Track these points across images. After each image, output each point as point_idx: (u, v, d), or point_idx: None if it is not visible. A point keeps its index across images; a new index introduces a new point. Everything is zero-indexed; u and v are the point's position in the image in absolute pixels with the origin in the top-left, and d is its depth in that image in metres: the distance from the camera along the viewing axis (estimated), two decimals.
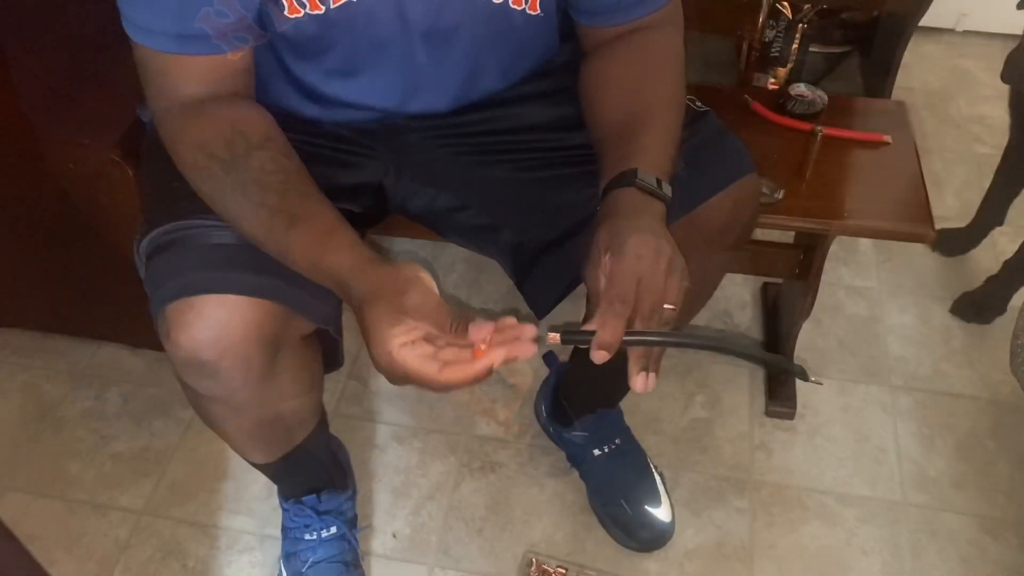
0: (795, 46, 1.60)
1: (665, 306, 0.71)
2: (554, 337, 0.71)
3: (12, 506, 1.33)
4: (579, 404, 1.30)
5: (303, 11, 0.83)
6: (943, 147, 1.95)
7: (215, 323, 0.81)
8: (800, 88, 1.32)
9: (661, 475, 1.32)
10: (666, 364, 0.74)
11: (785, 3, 1.55)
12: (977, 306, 1.58)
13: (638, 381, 0.71)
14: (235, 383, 0.85)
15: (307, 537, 1.19)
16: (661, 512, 1.28)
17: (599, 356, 0.69)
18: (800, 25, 1.56)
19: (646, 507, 1.28)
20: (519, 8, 0.89)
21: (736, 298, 1.62)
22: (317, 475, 1.18)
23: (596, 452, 1.31)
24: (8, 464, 1.39)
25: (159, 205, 0.89)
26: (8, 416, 1.46)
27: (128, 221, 1.22)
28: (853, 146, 1.26)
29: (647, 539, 1.27)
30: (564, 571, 1.24)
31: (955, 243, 1.69)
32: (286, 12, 0.83)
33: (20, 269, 1.45)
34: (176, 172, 0.85)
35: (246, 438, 1.00)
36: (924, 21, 1.61)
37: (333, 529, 1.20)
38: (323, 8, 0.83)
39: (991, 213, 1.62)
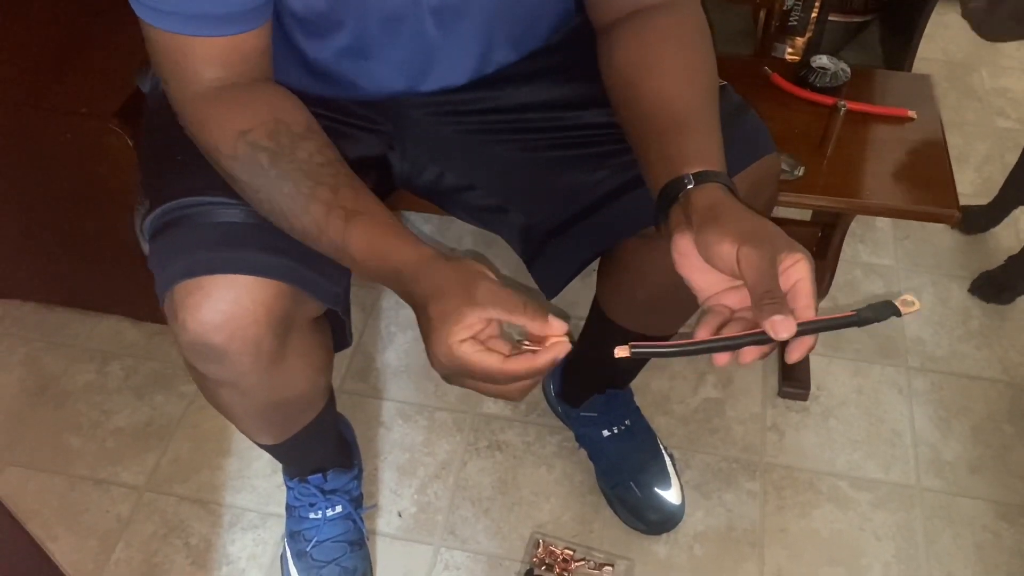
0: (814, 15, 1.55)
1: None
2: (623, 350, 0.66)
3: (12, 481, 1.32)
4: (588, 384, 1.28)
5: None
6: (964, 120, 1.91)
7: (224, 305, 0.78)
8: (822, 60, 1.28)
9: (671, 456, 1.30)
10: None
11: None
12: (997, 286, 1.54)
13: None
14: (243, 367, 0.82)
15: (312, 516, 1.18)
16: (671, 494, 1.26)
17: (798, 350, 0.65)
18: None
19: (656, 489, 1.26)
20: None
21: None
22: (323, 455, 1.16)
23: (605, 433, 1.28)
24: (8, 438, 1.37)
25: (163, 180, 0.86)
26: (8, 389, 1.44)
27: (128, 191, 1.20)
28: (876, 121, 1.22)
29: (656, 522, 1.26)
30: (572, 552, 1.23)
31: (976, 221, 1.65)
32: None
33: (19, 240, 1.43)
34: (181, 145, 0.81)
35: (253, 420, 0.98)
36: None
37: (339, 508, 1.18)
38: None
39: (1015, 191, 1.57)
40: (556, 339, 0.68)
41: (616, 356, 0.66)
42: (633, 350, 0.66)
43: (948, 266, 1.62)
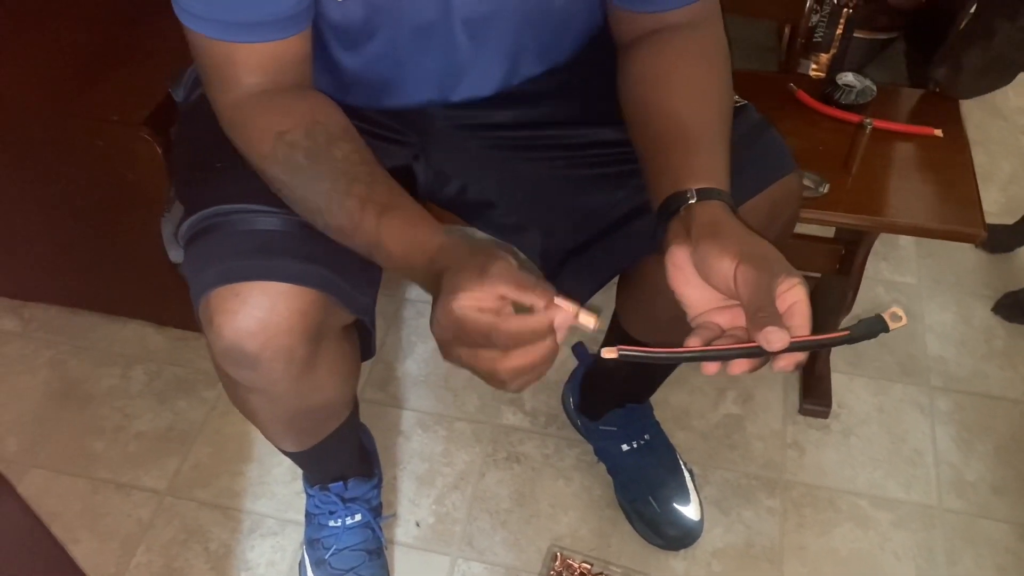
0: (839, 31, 1.55)
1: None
2: (611, 351, 0.65)
3: (35, 483, 1.33)
4: (608, 397, 1.28)
5: None
6: (989, 139, 1.90)
7: (260, 312, 0.78)
8: (848, 77, 1.27)
9: (691, 472, 1.30)
10: None
11: None
12: (1021, 306, 1.53)
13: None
14: (275, 374, 0.83)
15: (331, 524, 1.18)
16: (690, 510, 1.25)
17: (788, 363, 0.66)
18: (845, 10, 1.51)
19: (675, 505, 1.25)
20: None
21: None
22: (345, 463, 1.17)
23: (624, 447, 1.28)
24: (32, 440, 1.39)
25: (199, 187, 0.87)
26: (33, 392, 1.45)
27: (156, 198, 1.21)
28: (902, 139, 1.22)
29: (675, 537, 1.25)
30: (589, 567, 1.22)
31: (1000, 240, 1.64)
32: None
33: (47, 245, 1.45)
34: (218, 152, 0.82)
35: (280, 427, 0.99)
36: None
37: (358, 517, 1.18)
38: None
39: None
40: (567, 311, 0.66)
41: (604, 357, 0.66)
42: (621, 353, 0.65)
43: (971, 285, 1.61)
